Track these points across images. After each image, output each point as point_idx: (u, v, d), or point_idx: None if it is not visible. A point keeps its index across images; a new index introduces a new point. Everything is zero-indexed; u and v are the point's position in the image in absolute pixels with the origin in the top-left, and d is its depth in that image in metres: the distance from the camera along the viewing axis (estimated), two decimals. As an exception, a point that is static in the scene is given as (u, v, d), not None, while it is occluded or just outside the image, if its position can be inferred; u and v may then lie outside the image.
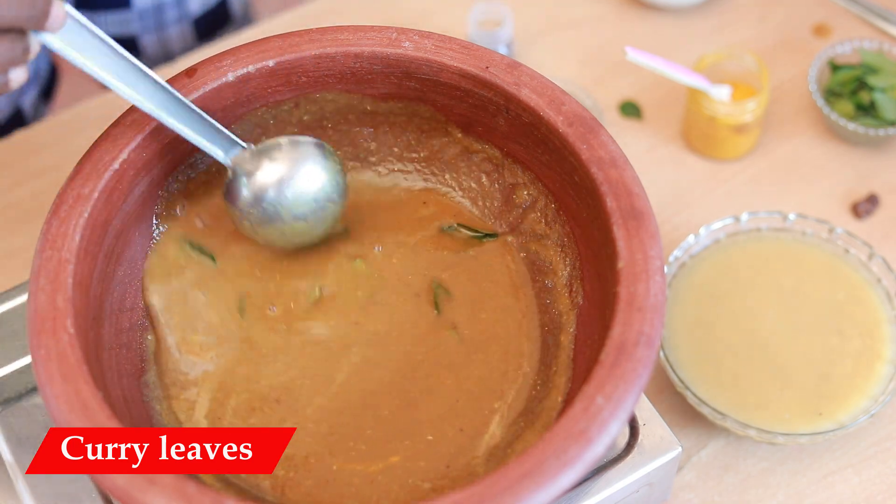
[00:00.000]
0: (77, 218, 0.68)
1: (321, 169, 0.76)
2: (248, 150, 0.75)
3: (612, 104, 1.06)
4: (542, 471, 0.60)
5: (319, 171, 0.76)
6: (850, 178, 1.01)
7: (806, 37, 1.10)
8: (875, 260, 0.91)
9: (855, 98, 1.02)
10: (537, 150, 0.76)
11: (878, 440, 0.88)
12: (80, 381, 0.63)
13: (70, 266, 0.67)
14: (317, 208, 0.76)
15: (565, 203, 0.76)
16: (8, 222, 0.99)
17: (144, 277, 0.76)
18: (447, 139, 0.80)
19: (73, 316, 0.66)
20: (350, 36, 0.76)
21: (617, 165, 0.70)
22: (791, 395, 0.87)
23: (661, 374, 0.90)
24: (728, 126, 0.99)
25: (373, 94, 0.78)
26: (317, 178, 0.76)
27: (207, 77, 0.74)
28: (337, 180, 0.76)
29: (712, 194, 1.01)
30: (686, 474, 0.87)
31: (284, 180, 0.75)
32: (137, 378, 0.73)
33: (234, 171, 0.75)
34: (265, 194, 0.75)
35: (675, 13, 1.11)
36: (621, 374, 0.63)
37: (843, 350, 0.88)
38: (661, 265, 0.67)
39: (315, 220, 0.76)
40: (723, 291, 0.91)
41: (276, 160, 0.75)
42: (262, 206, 0.75)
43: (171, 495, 0.60)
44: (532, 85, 0.73)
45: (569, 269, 0.76)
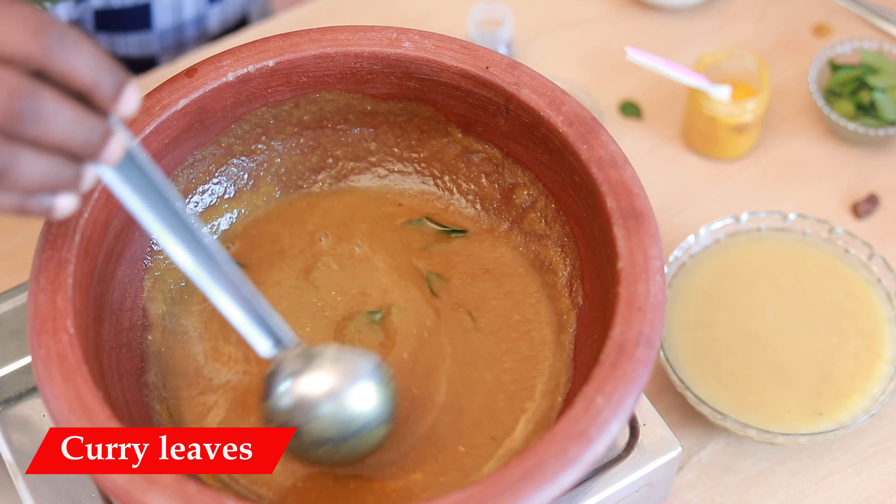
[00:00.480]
0: (77, 218, 0.68)
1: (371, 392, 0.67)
2: (295, 349, 0.67)
3: (612, 104, 1.06)
4: (542, 471, 0.60)
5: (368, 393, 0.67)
6: (850, 178, 1.01)
7: (806, 37, 1.10)
8: (875, 260, 0.91)
9: (855, 98, 1.02)
10: (537, 150, 0.76)
11: (878, 440, 0.88)
12: (80, 381, 0.63)
13: (70, 266, 0.67)
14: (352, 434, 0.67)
15: (565, 203, 0.76)
16: (8, 222, 0.99)
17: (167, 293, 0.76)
18: (447, 139, 0.80)
19: (73, 316, 0.66)
20: (350, 36, 0.76)
21: (617, 165, 0.70)
22: (791, 394, 0.87)
23: (661, 374, 0.90)
24: (728, 126, 0.99)
25: (373, 94, 0.78)
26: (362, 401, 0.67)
27: (207, 77, 0.74)
28: (387, 408, 0.68)
29: (712, 194, 1.01)
30: (686, 474, 0.87)
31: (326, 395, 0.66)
32: (137, 378, 0.73)
33: (276, 368, 0.67)
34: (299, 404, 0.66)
35: (675, 13, 1.11)
36: (621, 374, 0.63)
37: (843, 350, 0.88)
38: (661, 265, 0.67)
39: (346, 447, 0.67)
40: (723, 291, 0.91)
41: (323, 369, 0.67)
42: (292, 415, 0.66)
43: (171, 495, 0.60)
44: (532, 85, 0.73)
45: (569, 269, 0.76)
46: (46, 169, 0.56)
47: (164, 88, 0.74)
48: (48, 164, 0.56)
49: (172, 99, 0.73)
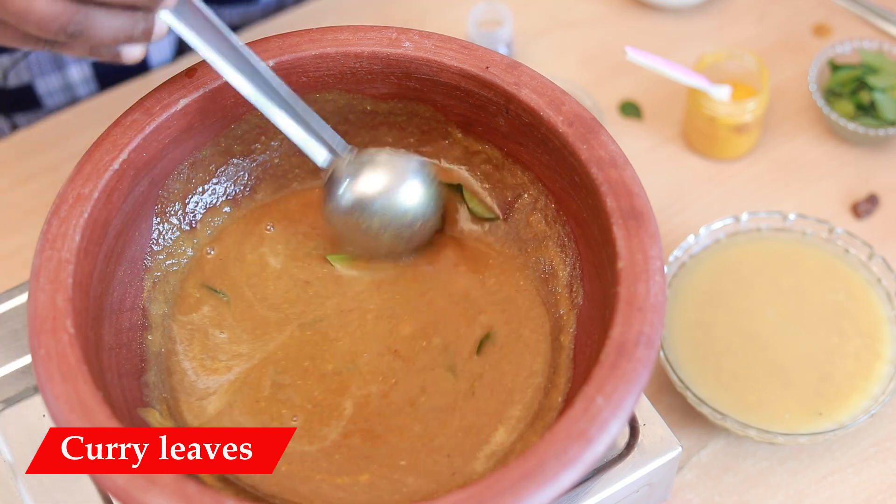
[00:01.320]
0: (77, 218, 0.68)
1: (421, 187, 0.76)
2: (349, 156, 0.75)
3: (612, 104, 1.06)
4: (542, 471, 0.60)
5: (417, 189, 0.76)
6: (850, 178, 1.01)
7: (806, 37, 1.10)
8: (875, 260, 0.91)
9: (855, 98, 1.02)
10: (537, 150, 0.76)
11: (878, 440, 0.88)
12: (80, 381, 0.63)
13: (70, 266, 0.67)
14: (407, 223, 0.76)
15: (565, 203, 0.76)
16: (8, 222, 0.99)
17: (167, 311, 0.76)
18: (447, 139, 0.80)
19: (73, 316, 0.66)
20: (350, 36, 0.76)
21: (617, 165, 0.70)
22: (791, 394, 0.87)
23: (661, 374, 0.90)
24: (728, 126, 0.99)
25: (373, 94, 0.78)
26: (415, 196, 0.76)
27: (207, 77, 0.74)
28: (434, 201, 0.77)
29: (712, 194, 1.01)
30: (686, 474, 0.87)
31: (383, 192, 0.75)
32: (137, 378, 0.73)
33: (334, 173, 0.75)
34: (359, 202, 0.75)
35: (675, 13, 1.11)
36: (621, 374, 0.63)
37: (843, 350, 0.88)
38: (661, 265, 0.67)
39: (403, 236, 0.77)
40: (723, 291, 0.91)
41: (376, 170, 0.75)
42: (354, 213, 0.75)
43: (171, 495, 0.60)
44: (532, 85, 0.73)
45: (569, 270, 0.76)
46: (118, 25, 0.64)
47: (164, 88, 0.74)
48: (119, 21, 0.64)
49: (172, 99, 0.73)
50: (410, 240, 0.77)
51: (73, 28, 0.63)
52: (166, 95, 0.73)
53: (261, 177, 0.81)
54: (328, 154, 0.75)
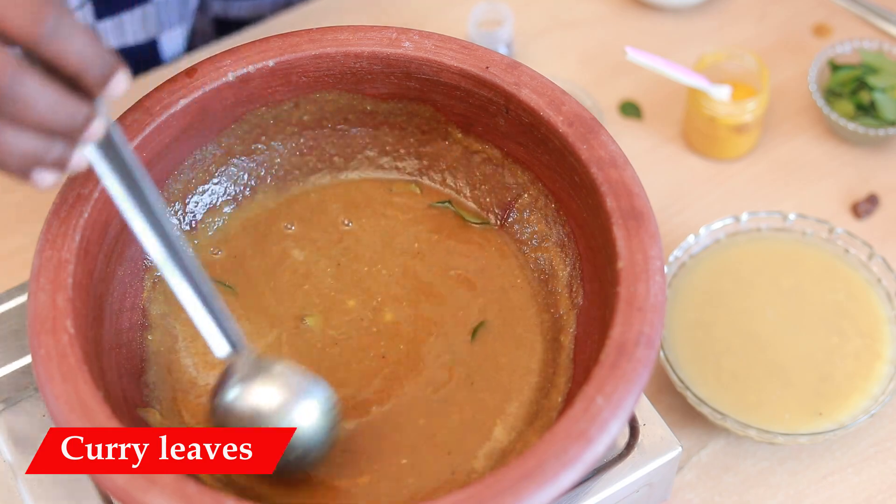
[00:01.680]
0: (77, 218, 0.68)
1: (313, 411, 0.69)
2: (248, 357, 0.69)
3: (612, 104, 1.06)
4: (542, 471, 0.60)
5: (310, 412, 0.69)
6: (850, 178, 1.01)
7: (806, 37, 1.10)
8: (875, 260, 0.91)
9: (855, 98, 1.02)
10: (537, 150, 0.76)
11: (878, 440, 0.88)
12: (80, 381, 0.63)
13: (70, 266, 0.67)
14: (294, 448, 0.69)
15: (565, 203, 0.76)
16: (8, 222, 0.99)
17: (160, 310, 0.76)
18: (447, 139, 0.80)
19: (73, 316, 0.66)
20: (350, 36, 0.76)
21: (617, 165, 0.70)
22: (791, 394, 0.87)
23: (661, 374, 0.90)
24: (728, 126, 0.99)
25: (373, 94, 0.78)
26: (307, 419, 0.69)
27: (207, 77, 0.74)
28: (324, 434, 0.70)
29: (712, 194, 1.01)
30: (686, 474, 0.87)
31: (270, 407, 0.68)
32: (137, 378, 0.73)
33: (228, 370, 0.69)
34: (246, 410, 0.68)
35: (675, 13, 1.11)
36: (621, 374, 0.63)
37: (843, 350, 0.88)
38: (661, 265, 0.67)
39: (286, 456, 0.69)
40: (723, 291, 0.91)
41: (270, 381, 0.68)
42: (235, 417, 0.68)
43: (171, 495, 0.60)
44: (532, 85, 0.73)
45: (569, 269, 0.76)
46: (26, 146, 0.58)
47: (164, 88, 0.74)
48: (28, 142, 0.58)
49: (172, 99, 0.73)
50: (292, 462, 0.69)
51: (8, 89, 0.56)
52: (166, 95, 0.73)
53: (261, 177, 0.81)
54: (229, 347, 0.68)
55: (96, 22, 0.99)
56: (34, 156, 0.59)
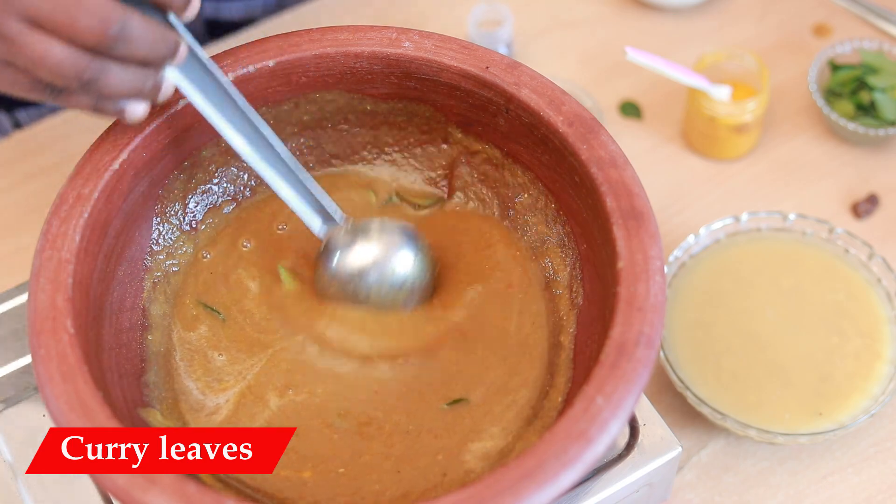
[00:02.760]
0: (77, 218, 0.68)
1: (411, 258, 0.76)
2: (344, 226, 0.75)
3: (612, 104, 1.06)
4: (542, 471, 0.60)
5: (409, 259, 0.76)
6: (850, 178, 1.01)
7: (806, 37, 1.10)
8: (875, 260, 0.91)
9: (855, 98, 1.02)
10: (537, 150, 0.76)
11: (878, 440, 0.88)
12: (80, 381, 0.63)
13: (70, 266, 0.67)
14: (400, 293, 0.76)
15: (565, 203, 0.76)
16: (8, 222, 0.99)
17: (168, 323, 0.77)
18: (447, 139, 0.80)
19: (73, 316, 0.66)
20: (350, 36, 0.76)
21: (617, 165, 0.70)
22: (791, 394, 0.87)
23: (661, 374, 0.90)
24: (728, 126, 0.99)
25: (373, 94, 0.78)
26: (405, 266, 0.76)
27: (207, 77, 0.74)
28: (424, 269, 0.77)
29: (712, 194, 1.01)
30: (686, 474, 0.87)
31: (374, 264, 0.75)
32: (137, 378, 0.73)
33: (328, 243, 0.75)
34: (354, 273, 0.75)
35: (675, 13, 1.11)
36: (621, 374, 0.63)
37: (843, 350, 0.88)
38: (661, 265, 0.67)
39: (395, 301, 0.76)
40: (723, 291, 0.91)
41: (370, 241, 0.75)
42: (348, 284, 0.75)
43: (171, 495, 0.60)
44: (532, 85, 0.73)
45: (569, 269, 0.76)
46: (130, 79, 0.65)
47: (164, 88, 0.74)
48: (132, 75, 0.65)
49: (173, 99, 0.73)
50: (403, 305, 0.77)
51: (88, 76, 0.63)
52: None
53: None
54: (323, 223, 0.75)
55: None
56: (136, 85, 0.65)
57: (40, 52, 0.62)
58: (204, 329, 0.76)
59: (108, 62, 0.63)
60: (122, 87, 0.64)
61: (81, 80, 0.63)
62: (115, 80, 0.64)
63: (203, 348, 0.76)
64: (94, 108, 0.66)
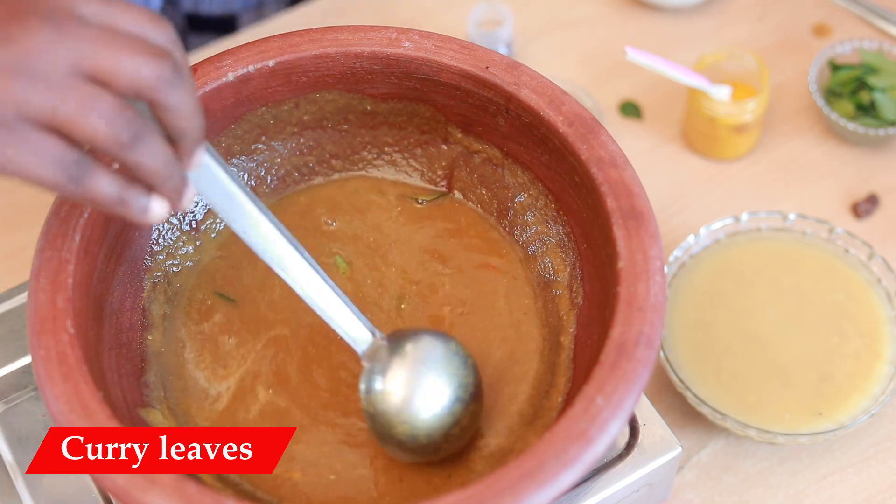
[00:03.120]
0: (77, 218, 0.68)
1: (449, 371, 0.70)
2: (381, 342, 0.69)
3: (612, 104, 1.06)
4: (542, 471, 0.60)
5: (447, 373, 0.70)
6: (850, 178, 1.01)
7: (806, 37, 1.10)
8: (875, 260, 0.91)
9: (855, 98, 1.02)
10: (537, 150, 0.76)
11: (878, 440, 0.88)
12: (80, 381, 0.63)
13: (70, 266, 0.67)
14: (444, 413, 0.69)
15: (565, 203, 0.76)
16: (8, 222, 0.99)
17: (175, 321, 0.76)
18: (447, 139, 0.80)
19: (73, 316, 0.65)
20: (350, 36, 0.76)
21: (617, 165, 0.70)
22: (791, 394, 0.87)
23: (661, 374, 0.90)
24: (728, 126, 0.99)
25: (373, 94, 0.78)
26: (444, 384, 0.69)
27: (207, 77, 0.74)
28: (467, 381, 0.70)
29: (712, 194, 1.01)
30: (686, 474, 0.87)
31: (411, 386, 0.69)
32: (137, 378, 0.73)
33: (369, 367, 0.70)
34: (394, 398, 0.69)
35: (675, 13, 1.11)
36: (621, 374, 0.63)
37: (843, 350, 0.88)
38: (661, 265, 0.67)
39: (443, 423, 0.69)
40: (723, 291, 0.91)
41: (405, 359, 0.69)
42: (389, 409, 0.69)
43: (171, 495, 0.60)
44: (532, 85, 0.73)
45: (569, 269, 0.76)
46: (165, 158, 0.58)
47: (164, 88, 0.74)
48: (166, 154, 0.58)
49: (172, 99, 0.73)
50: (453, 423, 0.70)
51: (130, 134, 0.56)
52: (166, 95, 0.73)
53: (261, 177, 0.81)
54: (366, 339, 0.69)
55: None
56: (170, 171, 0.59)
57: (88, 99, 0.55)
58: (218, 317, 0.77)
59: (152, 128, 0.58)
60: (158, 161, 0.58)
61: (123, 141, 0.56)
62: (155, 150, 0.58)
63: (215, 335, 0.76)
64: (118, 196, 0.58)
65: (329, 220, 0.81)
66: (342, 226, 0.80)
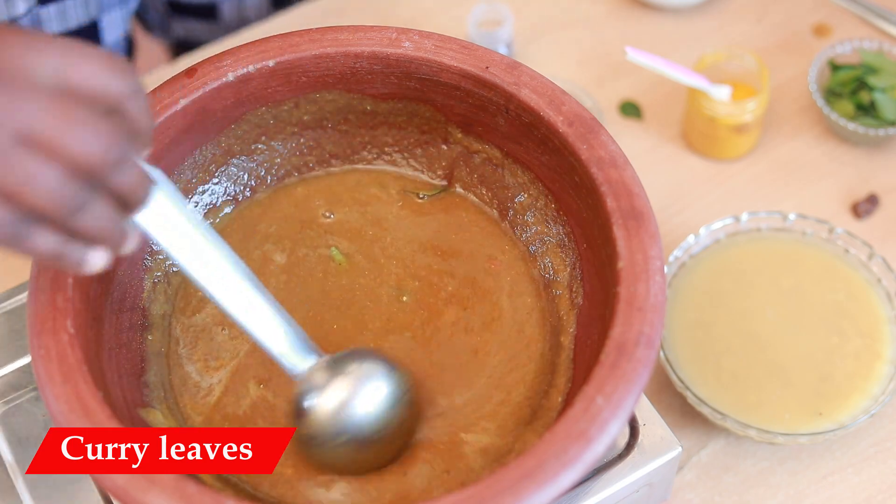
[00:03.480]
0: (77, 218, 0.68)
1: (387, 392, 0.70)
2: (323, 362, 0.70)
3: (612, 104, 1.06)
4: (542, 471, 0.60)
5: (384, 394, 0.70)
6: (850, 178, 1.01)
7: (806, 37, 1.10)
8: (875, 260, 0.91)
9: (855, 98, 1.02)
10: (537, 150, 0.76)
11: (878, 440, 0.88)
12: (80, 381, 0.63)
13: (70, 266, 0.67)
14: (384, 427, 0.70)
15: (565, 203, 0.76)
16: (8, 222, 0.99)
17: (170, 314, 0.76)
18: (447, 139, 0.80)
19: (73, 316, 0.66)
20: (350, 36, 0.76)
21: (617, 165, 0.70)
22: (791, 394, 0.87)
23: (661, 374, 0.90)
24: (728, 126, 0.99)
25: (373, 94, 0.78)
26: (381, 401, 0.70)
27: (207, 77, 0.74)
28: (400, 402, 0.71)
29: (712, 194, 1.01)
30: (686, 474, 0.87)
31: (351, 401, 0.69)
32: (137, 378, 0.73)
33: (303, 388, 0.69)
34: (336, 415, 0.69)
35: (675, 13, 1.11)
36: (621, 374, 0.63)
37: (843, 350, 0.88)
38: (661, 265, 0.67)
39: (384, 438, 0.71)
40: (723, 291, 0.91)
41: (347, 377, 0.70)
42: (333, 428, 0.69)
43: (171, 495, 0.60)
44: (532, 85, 0.73)
45: (569, 269, 0.76)
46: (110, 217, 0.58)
47: (164, 88, 0.74)
48: (113, 214, 0.58)
49: (172, 99, 0.73)
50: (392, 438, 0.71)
51: (76, 203, 0.56)
52: (166, 95, 0.73)
53: (261, 177, 0.81)
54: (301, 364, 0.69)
55: (39, 8, 0.96)
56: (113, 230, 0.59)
57: (33, 171, 0.55)
58: (211, 307, 0.76)
59: (97, 194, 0.57)
60: (101, 223, 0.58)
61: (65, 212, 0.56)
62: (98, 215, 0.57)
63: (209, 326, 0.76)
64: (56, 252, 0.58)
65: (328, 211, 0.81)
66: (341, 217, 0.80)
